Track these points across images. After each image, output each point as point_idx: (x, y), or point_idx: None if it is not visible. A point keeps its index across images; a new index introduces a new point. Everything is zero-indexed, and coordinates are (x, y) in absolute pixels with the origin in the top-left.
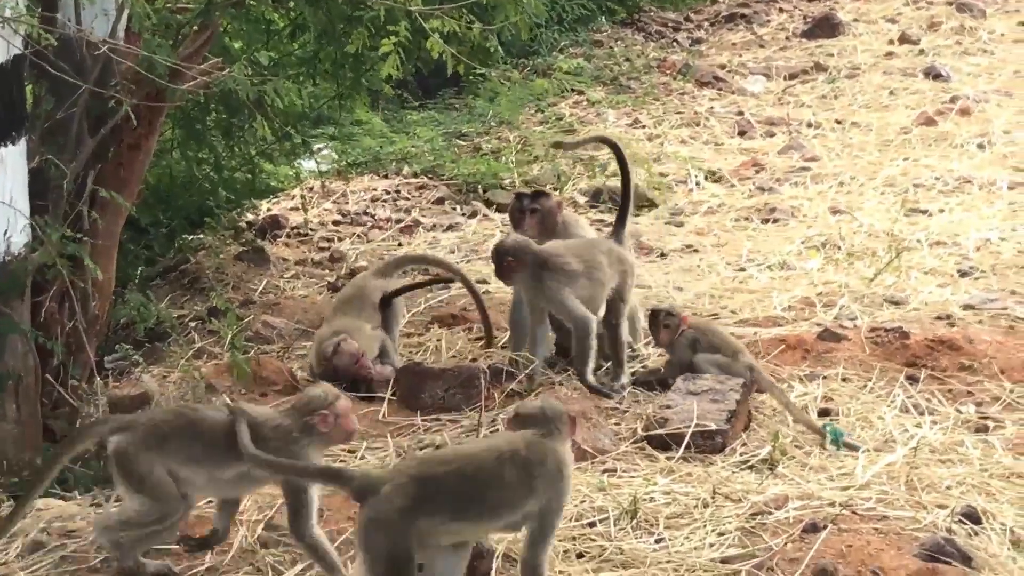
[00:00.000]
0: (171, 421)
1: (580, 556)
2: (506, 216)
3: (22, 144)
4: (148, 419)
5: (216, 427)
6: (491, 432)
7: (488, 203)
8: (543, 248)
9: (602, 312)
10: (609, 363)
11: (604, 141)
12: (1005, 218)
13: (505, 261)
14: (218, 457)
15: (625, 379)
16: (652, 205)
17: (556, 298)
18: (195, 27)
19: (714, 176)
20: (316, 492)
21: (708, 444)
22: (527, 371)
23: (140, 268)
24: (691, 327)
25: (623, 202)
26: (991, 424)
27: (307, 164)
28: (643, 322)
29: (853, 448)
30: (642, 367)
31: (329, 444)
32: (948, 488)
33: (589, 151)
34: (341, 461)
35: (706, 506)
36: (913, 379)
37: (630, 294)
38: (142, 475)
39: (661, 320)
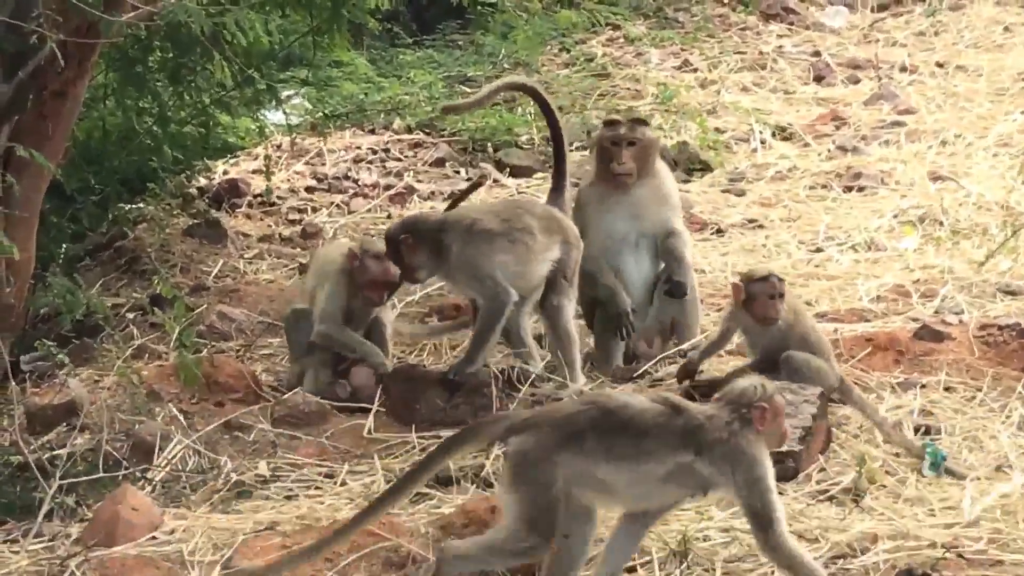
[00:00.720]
0: (585, 412)
1: None
2: (522, 182)
3: None
4: (555, 412)
5: (645, 416)
6: (502, 452)
7: (500, 165)
8: (441, 215)
9: (536, 295)
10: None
11: (518, 88)
12: None
13: (402, 240)
14: (649, 453)
15: (580, 384)
16: (706, 169)
17: (471, 265)
18: None
19: (783, 133)
20: None
21: (777, 469)
22: (521, 375)
23: (65, 245)
24: None
25: (557, 161)
26: None
27: (274, 116)
28: (699, 316)
29: (957, 475)
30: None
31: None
32: None
33: (625, 100)
34: (316, 488)
35: None
36: None
37: (576, 273)
38: (545, 483)
39: (776, 286)
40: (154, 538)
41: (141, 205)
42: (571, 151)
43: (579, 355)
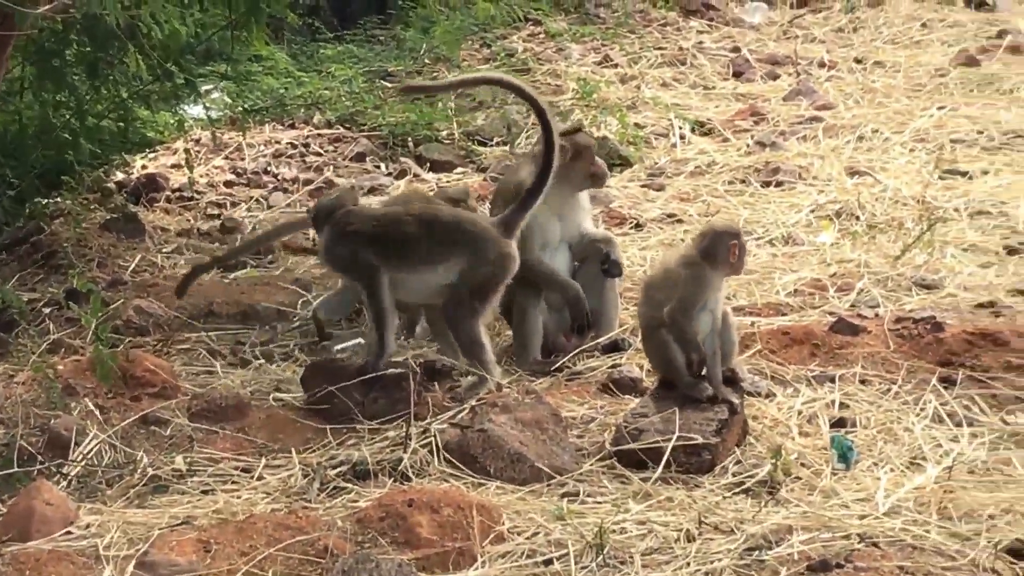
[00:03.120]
0: None
1: None
2: (442, 176)
3: None
4: None
5: None
6: (423, 446)
7: (420, 160)
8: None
9: None
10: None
11: (500, 83)
12: None
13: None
14: None
15: (497, 378)
16: (626, 164)
17: (330, 262)
18: None
19: (703, 128)
20: None
21: (693, 462)
22: (440, 370)
23: None
24: None
25: (540, 175)
26: None
27: (193, 110)
28: (619, 309)
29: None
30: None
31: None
32: (991, 517)
33: (545, 95)
34: (233, 482)
35: (690, 539)
36: (948, 381)
37: (493, 292)
38: None
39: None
40: (69, 533)
41: (58, 199)
42: (492, 147)
43: (490, 354)
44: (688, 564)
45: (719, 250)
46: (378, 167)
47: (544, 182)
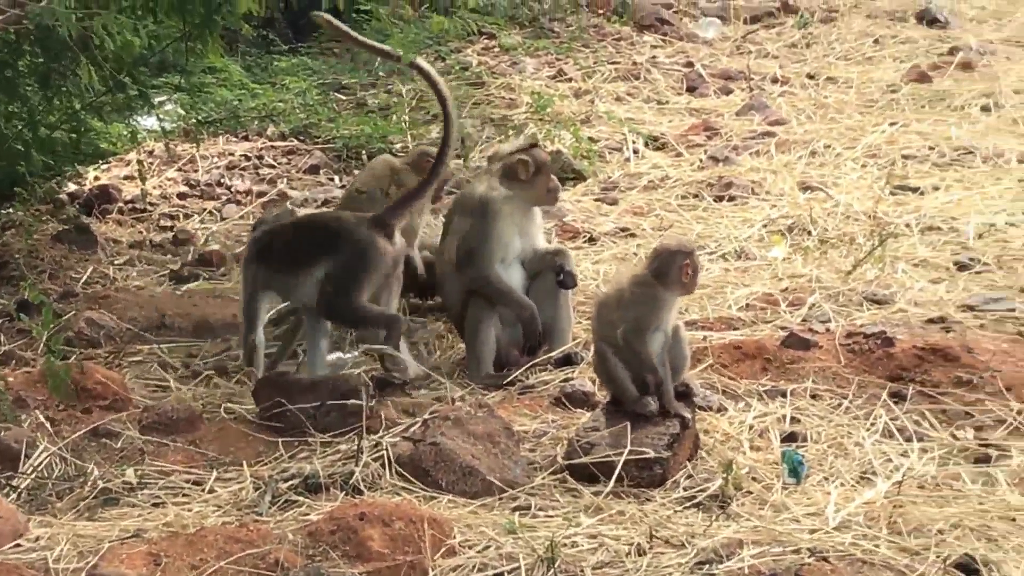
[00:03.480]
0: None
1: None
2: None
3: None
4: None
5: None
6: (375, 460)
7: None
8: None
9: None
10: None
11: (414, 66)
12: (1014, 198)
13: None
14: None
15: (410, 365)
16: (579, 178)
17: None
18: None
19: (656, 142)
20: None
21: (645, 476)
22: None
23: None
24: None
25: (435, 166)
26: (994, 453)
27: (146, 121)
28: (572, 322)
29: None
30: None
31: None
32: (940, 532)
33: (500, 108)
34: (184, 495)
35: (641, 553)
36: (899, 396)
37: (358, 284)
38: None
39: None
40: (18, 545)
41: (10, 210)
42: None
43: (377, 310)
44: None
45: (671, 270)
46: (332, 179)
47: (435, 176)
